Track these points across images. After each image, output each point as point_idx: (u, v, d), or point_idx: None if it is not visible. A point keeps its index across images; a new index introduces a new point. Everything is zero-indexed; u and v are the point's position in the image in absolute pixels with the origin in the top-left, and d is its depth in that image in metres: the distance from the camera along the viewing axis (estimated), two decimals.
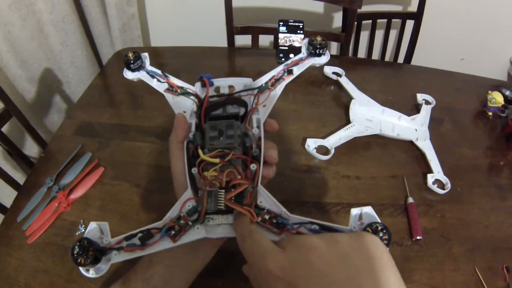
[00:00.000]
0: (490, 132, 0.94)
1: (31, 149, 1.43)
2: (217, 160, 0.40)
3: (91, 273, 0.40)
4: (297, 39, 1.10)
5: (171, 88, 0.50)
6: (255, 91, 0.47)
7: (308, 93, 1.02)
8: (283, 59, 1.09)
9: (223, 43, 1.31)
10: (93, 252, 0.38)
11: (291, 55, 1.09)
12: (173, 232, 0.39)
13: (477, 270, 0.65)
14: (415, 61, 1.55)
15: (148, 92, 1.00)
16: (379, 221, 0.37)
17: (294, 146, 0.86)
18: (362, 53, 1.63)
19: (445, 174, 0.79)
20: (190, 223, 0.39)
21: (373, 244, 0.32)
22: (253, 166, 0.40)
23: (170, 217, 0.40)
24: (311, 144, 0.83)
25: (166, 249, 0.43)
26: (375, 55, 1.65)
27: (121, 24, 1.49)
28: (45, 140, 1.15)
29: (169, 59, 1.19)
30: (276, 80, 0.49)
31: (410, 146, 0.86)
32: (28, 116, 1.11)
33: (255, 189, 0.39)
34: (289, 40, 1.10)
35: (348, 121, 0.89)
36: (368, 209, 0.39)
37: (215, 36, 1.36)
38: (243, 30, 1.27)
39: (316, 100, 0.99)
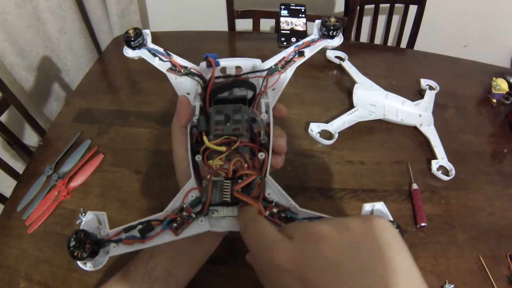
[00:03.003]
0: (494, 119, 0.93)
1: (30, 138, 1.41)
2: (223, 149, 0.37)
3: (88, 266, 0.38)
4: (299, 23, 1.08)
5: (174, 68, 0.48)
6: (264, 73, 0.44)
7: (311, 76, 1.00)
8: (285, 43, 1.07)
9: (224, 27, 1.29)
10: (90, 245, 0.36)
11: (293, 39, 1.08)
12: (175, 224, 0.37)
13: (481, 257, 0.64)
14: (417, 46, 1.53)
15: (148, 77, 1.00)
16: (391, 218, 0.36)
17: (296, 130, 0.84)
18: (364, 38, 1.61)
19: (449, 160, 0.78)
20: (193, 215, 0.37)
21: (385, 229, 0.30)
22: (261, 155, 0.38)
23: (172, 208, 0.38)
24: (314, 128, 0.81)
25: (165, 244, 0.41)
26: (377, 40, 1.63)
27: (119, 9, 1.47)
28: (44, 129, 1.14)
29: (168, 44, 1.17)
30: (287, 62, 0.47)
31: (414, 131, 0.86)
32: (27, 105, 1.10)
33: (263, 180, 0.37)
34: (291, 23, 1.08)
35: (351, 106, 0.88)
36: (380, 206, 0.38)
37: (215, 20, 1.34)
38: (244, 14, 1.25)
39: (319, 84, 0.98)
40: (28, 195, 0.75)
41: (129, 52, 0.51)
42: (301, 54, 0.47)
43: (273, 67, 0.46)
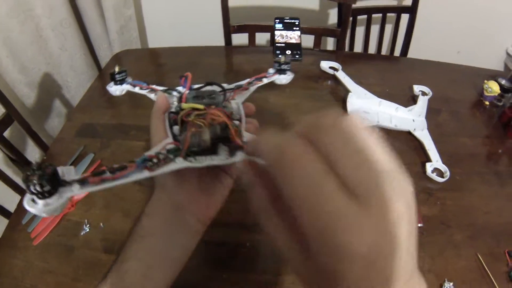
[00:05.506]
0: (488, 121, 0.95)
1: (33, 154, 1.43)
2: (201, 106, 0.39)
3: (38, 208, 0.30)
4: (294, 36, 1.11)
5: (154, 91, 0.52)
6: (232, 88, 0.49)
7: (307, 87, 1.03)
8: (279, 56, 1.09)
9: (221, 41, 1.32)
10: (51, 179, 0.30)
11: (288, 52, 1.11)
12: (150, 163, 0.34)
13: (479, 255, 0.65)
14: (411, 54, 1.56)
15: None
16: None
17: None
18: (358, 48, 1.64)
19: (443, 162, 0.80)
20: (171, 156, 0.36)
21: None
22: (236, 122, 0.40)
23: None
24: None
25: (137, 243, 0.41)
26: (371, 49, 1.66)
27: (118, 26, 1.50)
28: (47, 144, 1.15)
29: (167, 59, 1.20)
30: (249, 83, 0.52)
31: (408, 136, 0.87)
32: (29, 121, 1.12)
33: (240, 130, 0.38)
34: (286, 36, 1.11)
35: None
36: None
37: (212, 35, 1.37)
38: (240, 29, 1.28)
39: (314, 94, 1.00)
40: None
41: (113, 89, 0.54)
42: (259, 80, 0.53)
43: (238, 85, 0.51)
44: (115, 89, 0.54)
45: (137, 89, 0.53)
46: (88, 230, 0.71)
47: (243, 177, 0.31)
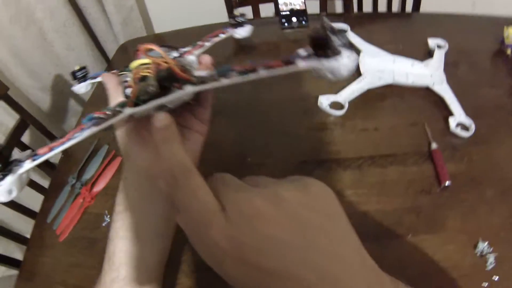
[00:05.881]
0: (511, 70, 0.89)
1: (56, 156, 1.45)
2: (147, 60, 0.38)
3: (3, 191, 0.32)
4: (298, 2, 1.07)
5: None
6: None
7: None
8: (286, 24, 1.07)
9: (225, 18, 1.29)
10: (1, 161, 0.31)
11: (294, 19, 1.07)
12: (97, 120, 0.34)
13: None
14: (423, 9, 1.48)
15: None
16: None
17: (307, 105, 0.84)
18: (368, 7, 1.56)
19: (467, 116, 0.76)
20: (118, 108, 0.35)
21: (321, 194, 0.29)
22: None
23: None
24: (324, 100, 0.80)
25: (116, 221, 0.40)
26: (382, 7, 1.58)
27: (121, 18, 1.48)
28: None
29: (173, 42, 1.17)
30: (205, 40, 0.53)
31: (427, 92, 0.83)
32: (47, 124, 1.13)
33: (189, 68, 0.37)
34: (290, 4, 1.07)
35: (359, 75, 0.86)
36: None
37: (216, 12, 1.33)
38: (242, 2, 1.25)
39: None
40: (56, 206, 0.77)
41: (78, 88, 0.53)
42: (215, 36, 0.52)
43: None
44: (79, 87, 0.53)
45: (98, 79, 0.51)
46: (109, 220, 0.71)
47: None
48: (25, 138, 1.06)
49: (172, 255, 0.47)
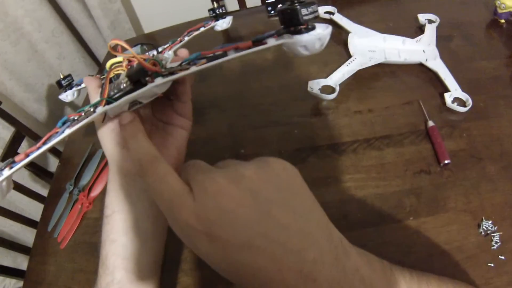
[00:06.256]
0: (507, 40, 0.87)
1: (54, 164, 1.46)
2: (120, 58, 0.38)
3: None
4: None
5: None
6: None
7: None
8: (272, 12, 1.05)
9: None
10: None
11: (280, 6, 1.04)
12: (70, 122, 0.35)
13: None
14: None
15: None
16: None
17: (298, 93, 0.81)
18: None
19: (463, 90, 0.74)
20: (91, 108, 0.35)
21: (283, 171, 0.30)
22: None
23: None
24: (314, 86, 0.78)
25: (106, 224, 0.41)
26: None
27: (109, 22, 1.48)
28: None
29: (162, 40, 1.17)
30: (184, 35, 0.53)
31: (420, 68, 0.81)
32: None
33: (160, 62, 0.37)
34: None
35: (350, 57, 0.84)
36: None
37: (203, 7, 1.32)
38: None
39: None
40: (56, 214, 0.77)
41: (65, 96, 0.52)
42: (195, 30, 0.52)
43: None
44: (66, 95, 0.53)
45: (83, 85, 0.51)
46: None
47: None
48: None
49: (171, 254, 0.46)
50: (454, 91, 0.74)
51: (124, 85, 0.35)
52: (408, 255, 0.56)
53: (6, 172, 0.33)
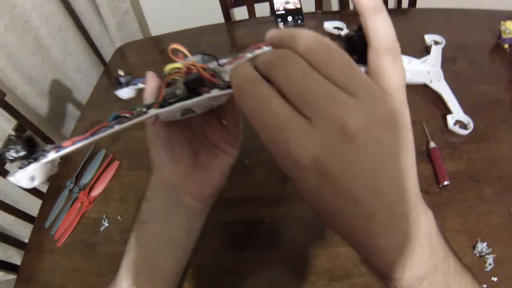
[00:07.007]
0: (509, 65, 0.88)
1: (54, 159, 1.45)
2: (179, 64, 0.37)
3: (19, 176, 0.30)
4: (293, 1, 1.07)
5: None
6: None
7: None
8: (281, 24, 1.06)
9: (221, 19, 1.29)
10: (28, 146, 0.30)
11: (289, 18, 1.07)
12: (122, 118, 0.34)
13: None
14: (420, 4, 1.47)
15: None
16: None
17: None
18: None
19: (465, 113, 0.75)
20: (144, 109, 0.34)
21: (402, 122, 0.25)
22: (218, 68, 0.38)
23: None
24: None
25: (139, 230, 0.41)
26: None
27: (116, 21, 1.48)
28: None
29: (168, 45, 1.18)
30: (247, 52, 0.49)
31: (424, 89, 0.82)
32: (45, 129, 1.13)
33: (219, 73, 0.36)
34: (285, 3, 1.07)
35: None
36: None
37: (211, 13, 1.33)
38: (237, 2, 1.25)
39: None
40: (54, 211, 0.77)
41: (123, 92, 0.51)
42: (258, 48, 0.51)
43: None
44: (124, 92, 0.51)
45: (141, 86, 0.51)
46: (107, 224, 0.71)
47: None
48: None
49: None
50: (457, 114, 0.75)
51: (180, 91, 0.34)
52: None
53: (52, 155, 0.32)
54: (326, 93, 0.23)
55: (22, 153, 0.29)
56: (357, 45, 0.28)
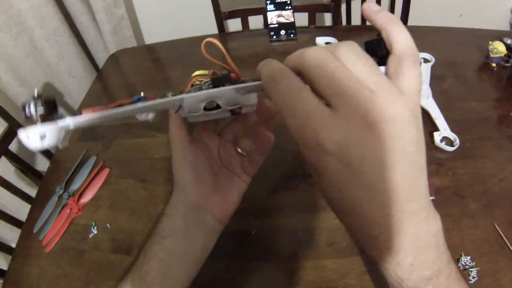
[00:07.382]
0: (496, 83, 0.91)
1: (42, 164, 1.44)
2: (206, 71, 0.39)
3: (36, 133, 0.30)
4: (286, 15, 1.08)
5: None
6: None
7: None
8: (274, 37, 1.08)
9: (215, 30, 1.30)
10: (48, 106, 0.31)
11: (282, 32, 1.08)
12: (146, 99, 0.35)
13: (496, 225, 0.62)
14: (411, 21, 1.50)
15: (145, 88, 1.01)
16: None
17: None
18: (356, 21, 1.59)
19: (452, 130, 0.77)
20: (168, 94, 0.35)
21: (418, 122, 0.26)
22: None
23: None
24: None
25: (158, 244, 0.42)
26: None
27: (111, 27, 1.49)
28: (53, 153, 1.16)
29: (163, 53, 1.19)
30: None
31: None
32: None
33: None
34: (279, 17, 1.08)
35: None
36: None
37: (205, 24, 1.35)
38: (232, 14, 1.26)
39: None
40: (43, 216, 0.77)
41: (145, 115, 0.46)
42: None
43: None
44: (146, 115, 0.44)
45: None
46: (96, 232, 0.71)
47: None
48: (13, 146, 1.05)
49: None
50: (443, 131, 0.77)
51: (205, 86, 0.35)
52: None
53: (69, 119, 0.32)
54: (353, 87, 0.25)
55: (40, 111, 0.30)
56: (375, 50, 0.30)
